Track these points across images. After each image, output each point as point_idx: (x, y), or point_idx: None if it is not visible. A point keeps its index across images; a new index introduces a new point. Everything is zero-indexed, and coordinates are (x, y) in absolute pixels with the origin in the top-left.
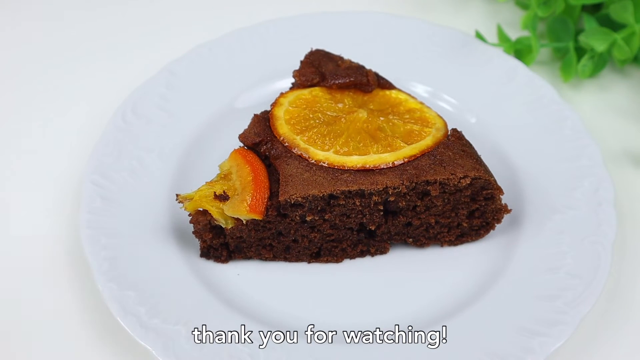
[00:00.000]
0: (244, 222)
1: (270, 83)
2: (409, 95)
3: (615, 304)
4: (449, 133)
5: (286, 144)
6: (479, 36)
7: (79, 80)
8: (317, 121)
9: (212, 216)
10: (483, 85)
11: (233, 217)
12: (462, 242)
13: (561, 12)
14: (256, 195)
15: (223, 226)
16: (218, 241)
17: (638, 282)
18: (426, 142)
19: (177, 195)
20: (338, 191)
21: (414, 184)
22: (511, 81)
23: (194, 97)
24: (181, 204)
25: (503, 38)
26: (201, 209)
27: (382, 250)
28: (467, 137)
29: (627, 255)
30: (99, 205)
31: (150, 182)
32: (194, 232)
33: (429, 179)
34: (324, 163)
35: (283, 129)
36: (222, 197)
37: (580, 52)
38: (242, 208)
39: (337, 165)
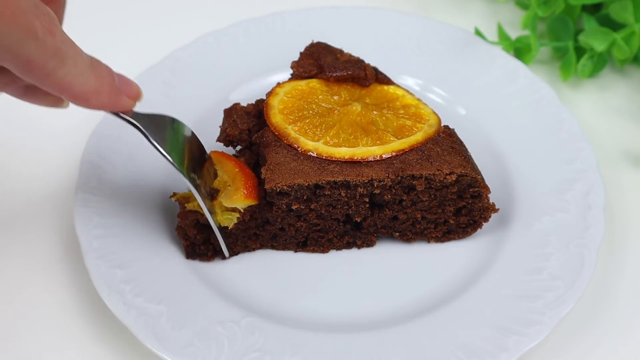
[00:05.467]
0: (242, 210)
1: (274, 74)
2: (406, 91)
3: (598, 307)
4: (441, 130)
5: (277, 133)
6: (478, 33)
7: None
8: (311, 112)
9: (202, 216)
10: (483, 85)
11: (232, 212)
12: (449, 239)
13: (561, 11)
14: (248, 182)
15: (229, 227)
16: (202, 237)
17: (626, 285)
18: (416, 137)
19: (173, 193)
20: (324, 181)
21: (399, 178)
22: (512, 82)
23: (197, 86)
24: (177, 202)
25: (503, 37)
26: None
27: (369, 243)
28: (462, 134)
29: (626, 256)
30: (95, 185)
31: (147, 167)
32: (177, 229)
33: (414, 173)
34: (313, 153)
35: (276, 118)
36: (213, 192)
37: (580, 51)
38: (239, 195)
39: (325, 156)
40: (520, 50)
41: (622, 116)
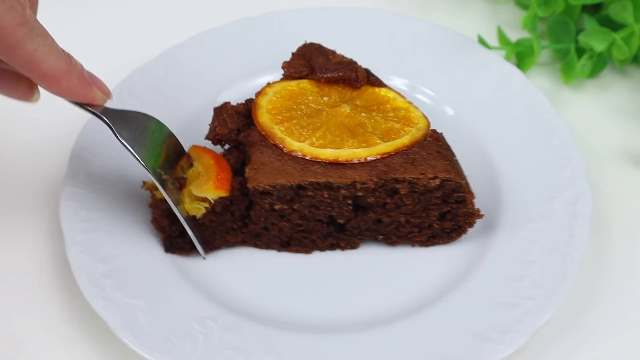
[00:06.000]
0: (212, 201)
1: (268, 74)
2: (398, 93)
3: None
4: (429, 134)
5: (263, 133)
6: (481, 41)
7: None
8: (299, 113)
9: None
10: (477, 89)
11: (202, 202)
12: (433, 244)
13: (561, 12)
14: (220, 174)
15: (197, 216)
16: (177, 228)
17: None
18: (402, 140)
19: (143, 182)
20: (306, 182)
21: (382, 181)
22: (506, 87)
23: (190, 84)
24: (148, 191)
25: (504, 41)
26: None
27: (353, 245)
28: (452, 138)
29: (622, 257)
30: (83, 179)
31: (136, 164)
32: (152, 221)
33: (398, 177)
34: (298, 154)
35: (263, 117)
36: (181, 181)
37: (581, 53)
38: (209, 186)
39: (310, 157)
40: (522, 54)
41: (622, 116)
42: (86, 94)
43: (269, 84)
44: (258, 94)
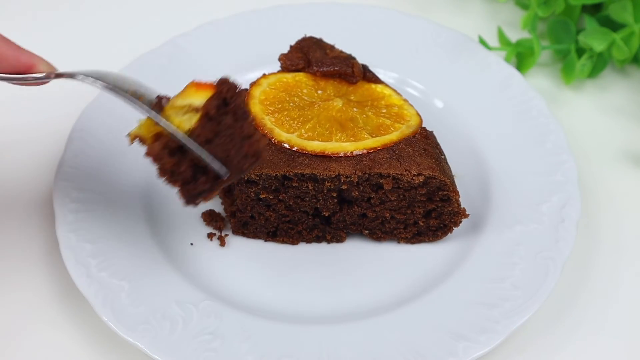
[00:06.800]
0: (199, 108)
1: (269, 66)
2: (394, 90)
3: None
4: (418, 131)
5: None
6: (482, 42)
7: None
8: (292, 104)
9: (167, 137)
10: (475, 90)
11: (190, 113)
12: (419, 242)
13: (561, 12)
14: (197, 82)
15: (191, 127)
16: (187, 167)
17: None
18: (390, 136)
19: (128, 135)
20: (291, 173)
21: (366, 175)
22: (505, 89)
23: (193, 72)
24: (137, 140)
25: (504, 41)
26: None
27: (338, 239)
28: (447, 137)
29: (627, 256)
30: (79, 161)
31: (133, 149)
32: (160, 174)
33: (382, 172)
34: (286, 145)
35: (255, 107)
36: (159, 103)
37: (581, 53)
38: (190, 89)
39: (297, 148)
40: (522, 54)
41: (622, 116)
42: (17, 58)
43: (264, 75)
44: (252, 84)
